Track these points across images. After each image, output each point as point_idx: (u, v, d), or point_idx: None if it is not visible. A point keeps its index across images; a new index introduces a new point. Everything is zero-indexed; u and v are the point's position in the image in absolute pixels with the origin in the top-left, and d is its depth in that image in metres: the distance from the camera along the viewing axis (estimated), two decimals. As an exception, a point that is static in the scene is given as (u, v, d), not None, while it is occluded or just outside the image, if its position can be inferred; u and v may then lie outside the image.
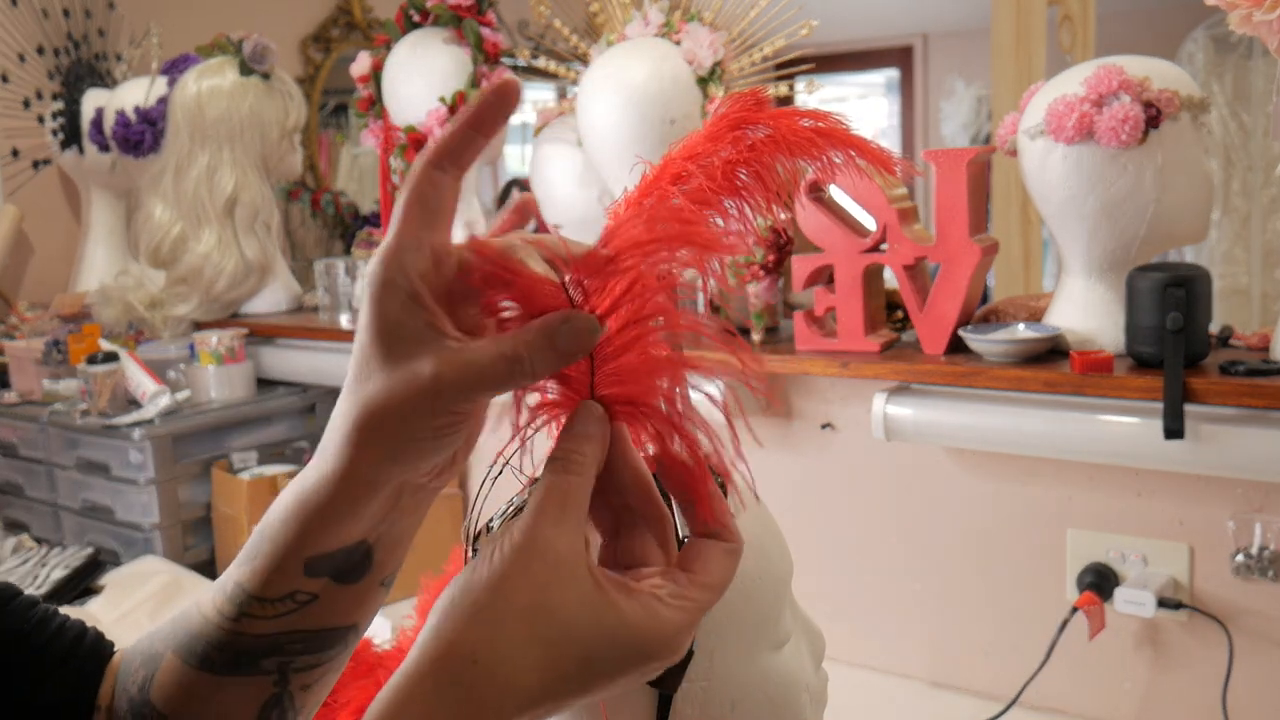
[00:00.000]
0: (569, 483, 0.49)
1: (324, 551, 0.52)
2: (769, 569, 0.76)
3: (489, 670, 0.46)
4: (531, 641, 0.46)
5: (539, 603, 0.46)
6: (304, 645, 0.55)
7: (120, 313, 2.26)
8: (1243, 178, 4.09)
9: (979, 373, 1.34)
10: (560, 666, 0.47)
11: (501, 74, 1.80)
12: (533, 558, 0.47)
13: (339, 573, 0.53)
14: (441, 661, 0.47)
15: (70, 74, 2.65)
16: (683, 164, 0.70)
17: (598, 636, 0.47)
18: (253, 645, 0.54)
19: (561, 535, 0.47)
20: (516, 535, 0.47)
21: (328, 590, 0.53)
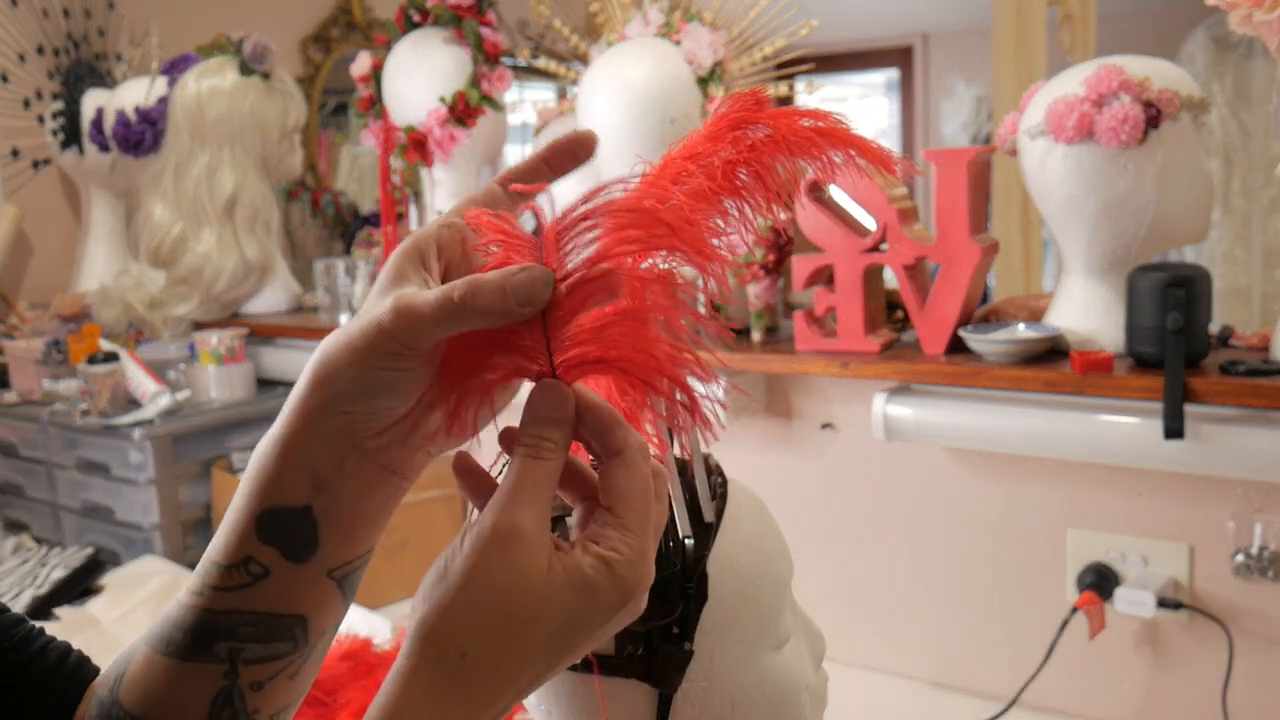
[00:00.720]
0: (538, 469, 0.50)
1: (272, 506, 0.53)
2: (769, 569, 0.76)
3: (477, 660, 0.48)
4: (511, 626, 0.48)
5: (512, 586, 0.48)
6: (253, 629, 0.55)
7: (120, 313, 2.26)
8: (1243, 178, 4.09)
9: (979, 373, 1.34)
10: (542, 642, 0.49)
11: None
12: (504, 546, 0.48)
13: (288, 542, 0.54)
14: (432, 657, 0.49)
15: (70, 74, 2.65)
16: (683, 164, 0.70)
17: (569, 606, 0.49)
18: (209, 623, 0.55)
19: (529, 519, 0.49)
20: (487, 525, 0.49)
21: (278, 565, 0.54)
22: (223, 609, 0.54)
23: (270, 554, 0.54)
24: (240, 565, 0.54)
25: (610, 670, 0.71)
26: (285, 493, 0.53)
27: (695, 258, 0.58)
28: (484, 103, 1.86)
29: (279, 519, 0.54)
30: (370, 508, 0.55)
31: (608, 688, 0.72)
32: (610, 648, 0.71)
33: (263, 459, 0.54)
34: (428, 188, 1.98)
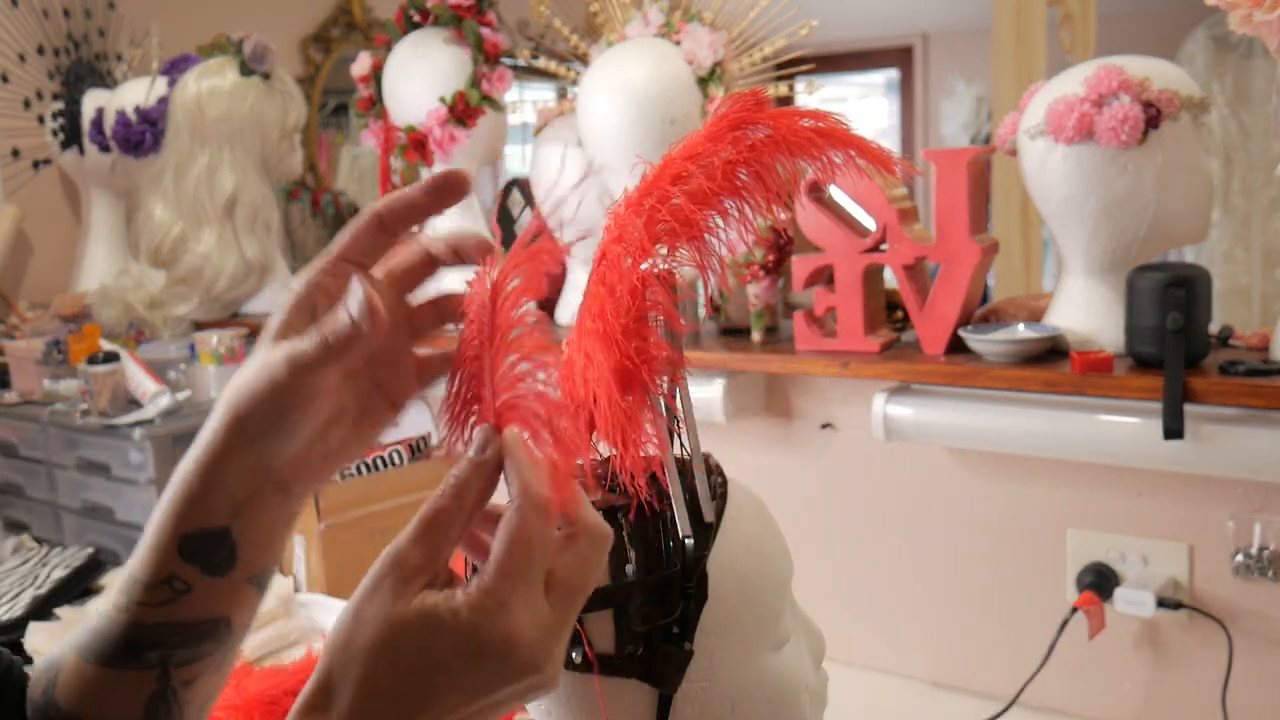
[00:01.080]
0: (445, 508, 0.52)
1: (193, 529, 0.57)
2: (769, 569, 0.76)
3: (341, 690, 0.51)
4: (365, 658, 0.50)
5: (374, 617, 0.50)
6: (181, 638, 0.59)
7: (120, 313, 2.26)
8: (1243, 178, 4.09)
9: (979, 373, 1.34)
10: (398, 676, 0.50)
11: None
12: (384, 577, 0.51)
13: (208, 561, 0.58)
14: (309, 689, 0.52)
15: (70, 74, 2.65)
16: (683, 164, 0.70)
17: (417, 642, 0.50)
18: (138, 636, 0.59)
19: (416, 555, 0.51)
20: (382, 557, 0.51)
21: (200, 581, 0.58)
22: (150, 622, 0.58)
23: (192, 571, 0.58)
24: (165, 583, 0.58)
25: (610, 670, 0.71)
26: (206, 516, 0.57)
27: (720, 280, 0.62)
28: (484, 103, 1.86)
29: (200, 541, 0.58)
30: (281, 521, 0.60)
31: (608, 687, 0.72)
32: (610, 647, 0.71)
33: (183, 485, 0.58)
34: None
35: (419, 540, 0.51)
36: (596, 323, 0.70)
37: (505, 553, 0.50)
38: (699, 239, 0.70)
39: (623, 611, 0.71)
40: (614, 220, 0.72)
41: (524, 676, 0.50)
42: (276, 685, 1.32)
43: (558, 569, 0.52)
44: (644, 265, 0.70)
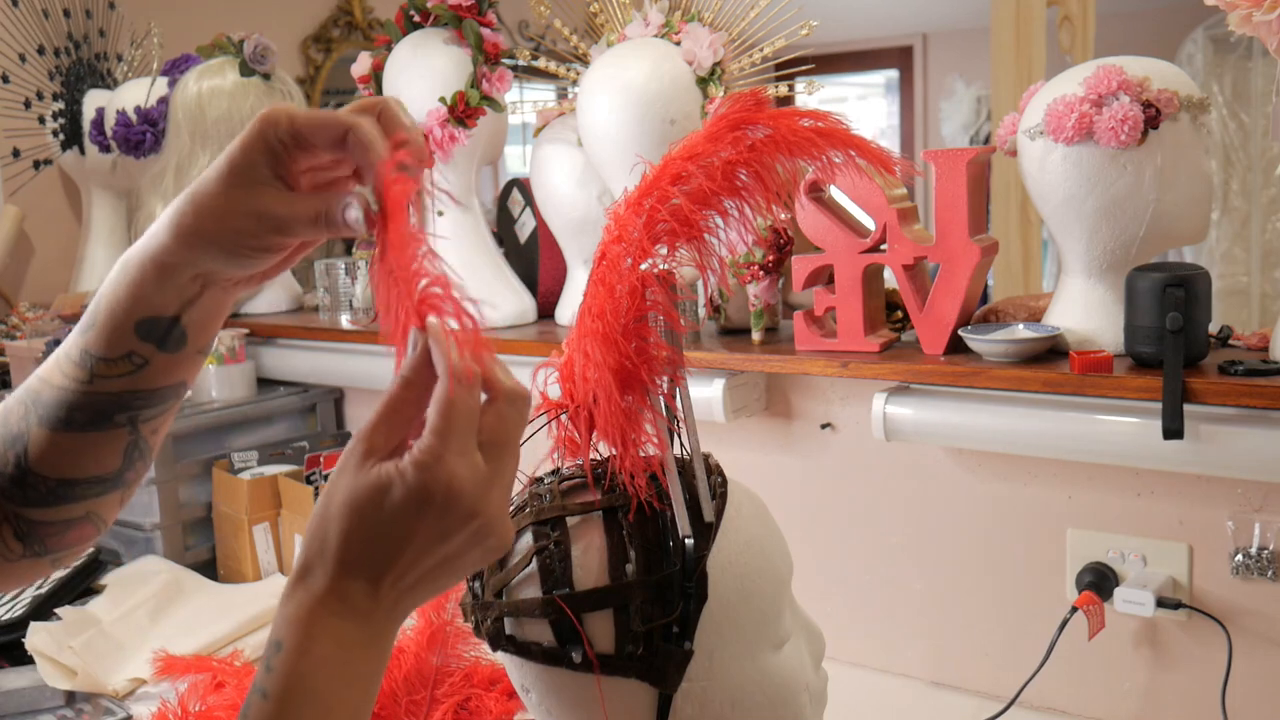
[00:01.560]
0: (399, 394, 0.60)
1: (148, 315, 0.67)
2: (769, 569, 0.76)
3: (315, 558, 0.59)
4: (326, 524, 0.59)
5: (334, 488, 0.60)
6: (144, 401, 0.70)
7: (121, 313, 2.26)
8: (1242, 178, 4.10)
9: (979, 373, 1.35)
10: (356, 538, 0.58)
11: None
12: (347, 457, 0.60)
13: (161, 341, 0.68)
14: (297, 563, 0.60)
15: (71, 74, 2.65)
16: (683, 164, 0.71)
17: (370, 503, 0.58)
18: (104, 403, 0.69)
19: (376, 436, 0.59)
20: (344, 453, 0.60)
21: (155, 356, 0.68)
22: (114, 390, 0.68)
23: (148, 348, 0.68)
24: (124, 358, 0.68)
25: (610, 669, 0.71)
26: (158, 305, 0.67)
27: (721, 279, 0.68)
28: (484, 103, 1.86)
29: (154, 325, 0.67)
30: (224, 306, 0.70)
31: (608, 687, 0.72)
32: (610, 647, 0.72)
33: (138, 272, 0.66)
34: (426, 188, 1.97)
35: (377, 426, 0.59)
36: (596, 323, 0.70)
37: (436, 416, 0.57)
38: (699, 239, 0.71)
39: (623, 611, 0.71)
40: (614, 220, 0.73)
41: (469, 521, 0.58)
42: (277, 685, 1.32)
43: (484, 427, 0.59)
44: (644, 265, 0.70)
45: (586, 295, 0.73)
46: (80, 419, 0.69)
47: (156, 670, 1.53)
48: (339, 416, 2.25)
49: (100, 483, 0.72)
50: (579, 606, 0.71)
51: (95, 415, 0.69)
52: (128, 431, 0.70)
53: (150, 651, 1.56)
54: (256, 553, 1.91)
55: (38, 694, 1.50)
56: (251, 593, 1.78)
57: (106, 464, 0.71)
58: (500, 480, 0.59)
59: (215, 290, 0.68)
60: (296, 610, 0.58)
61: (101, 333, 0.67)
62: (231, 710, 1.29)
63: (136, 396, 0.69)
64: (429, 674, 1.34)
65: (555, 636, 0.72)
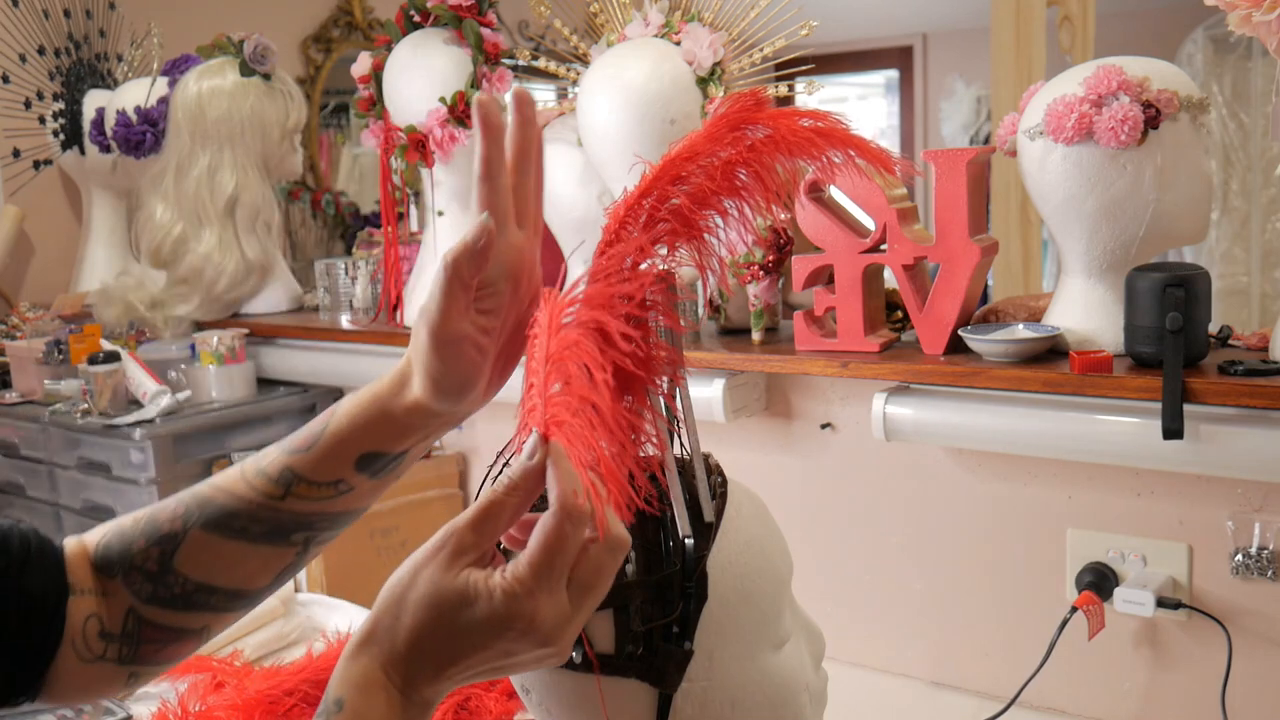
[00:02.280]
0: (498, 501, 0.60)
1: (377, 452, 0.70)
2: (769, 569, 0.76)
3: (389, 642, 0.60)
4: (408, 613, 0.60)
5: (425, 582, 0.60)
6: (329, 524, 0.71)
7: (121, 313, 2.26)
8: (1242, 178, 4.09)
9: (979, 373, 1.35)
10: (433, 636, 0.60)
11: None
12: (437, 552, 0.60)
13: (376, 472, 0.71)
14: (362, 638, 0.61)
15: (71, 74, 2.65)
16: (683, 164, 0.70)
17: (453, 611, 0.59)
18: (289, 521, 0.70)
19: (468, 538, 0.60)
20: (436, 536, 0.61)
21: (362, 484, 0.71)
22: (304, 511, 0.70)
23: (360, 478, 0.70)
24: (331, 484, 0.70)
25: (610, 670, 0.71)
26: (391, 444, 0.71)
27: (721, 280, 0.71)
28: (484, 103, 1.86)
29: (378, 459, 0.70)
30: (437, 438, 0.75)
31: (608, 687, 0.72)
32: (610, 647, 0.72)
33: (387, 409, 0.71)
34: (428, 188, 1.98)
35: (474, 525, 0.60)
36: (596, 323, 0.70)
37: (539, 550, 0.58)
38: (699, 239, 0.70)
39: (623, 611, 0.71)
40: (614, 220, 0.73)
41: (539, 648, 0.59)
42: (276, 685, 1.32)
43: (579, 568, 0.59)
44: (644, 265, 0.70)
45: (586, 295, 0.73)
46: (255, 530, 0.70)
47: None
48: (339, 416, 2.25)
49: (238, 597, 0.73)
50: (579, 606, 0.71)
51: (274, 529, 0.70)
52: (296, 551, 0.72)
53: (150, 651, 1.56)
54: (256, 553, 1.91)
55: (38, 694, 1.50)
56: (251, 593, 1.78)
57: (258, 579, 0.72)
58: (579, 619, 0.60)
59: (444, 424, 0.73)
60: (362, 675, 0.60)
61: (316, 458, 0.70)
62: (230, 710, 1.29)
63: (323, 518, 0.71)
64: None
65: (555, 636, 0.72)
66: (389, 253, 2.04)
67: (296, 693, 1.30)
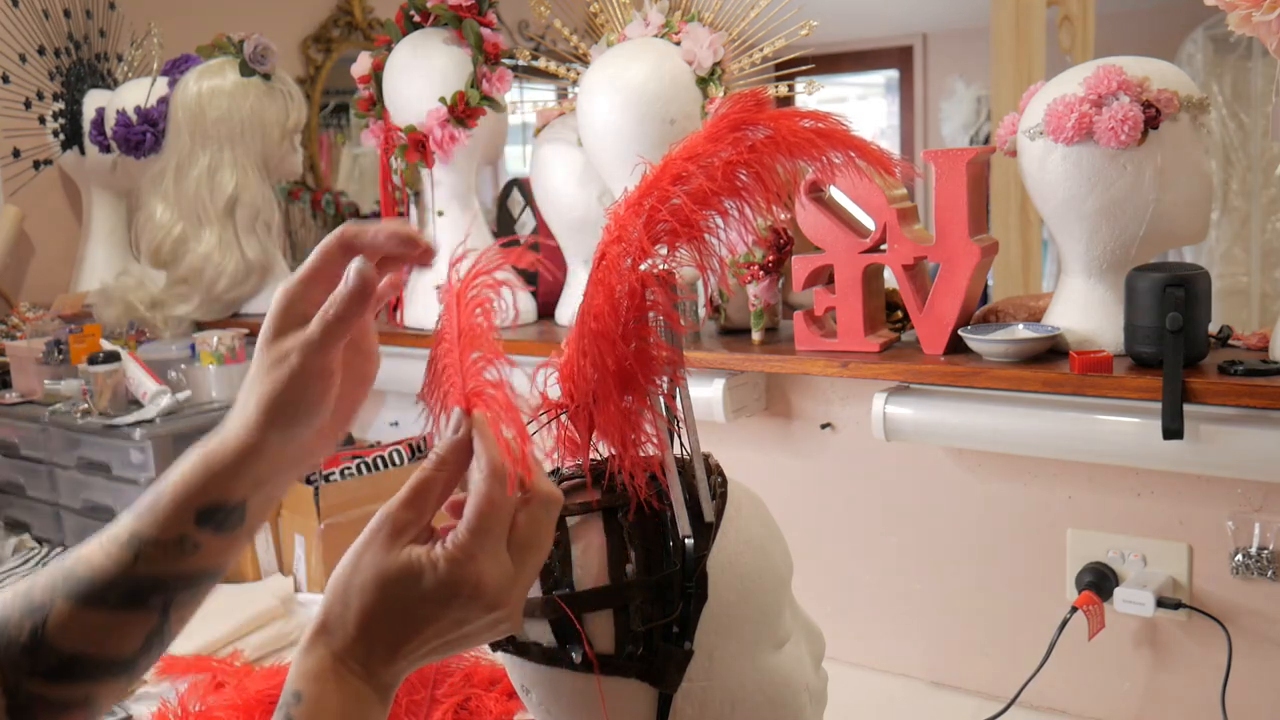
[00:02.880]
0: (429, 479, 0.63)
1: (213, 504, 0.69)
2: (769, 569, 0.76)
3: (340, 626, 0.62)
4: (356, 597, 0.61)
5: (368, 565, 0.62)
6: (186, 584, 0.71)
7: (121, 313, 2.26)
8: (1242, 178, 4.09)
9: (979, 373, 1.35)
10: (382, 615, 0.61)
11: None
12: (375, 534, 0.62)
13: (219, 525, 0.70)
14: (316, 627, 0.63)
15: (71, 74, 2.65)
16: (683, 164, 0.71)
17: (400, 587, 0.61)
18: (143, 584, 0.69)
19: (403, 515, 0.62)
20: (375, 518, 0.62)
21: (208, 541, 0.70)
22: (155, 574, 0.69)
23: (205, 534, 0.69)
24: (175, 542, 0.69)
25: (610, 670, 0.71)
26: (228, 494, 0.69)
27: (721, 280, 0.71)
28: (484, 103, 1.86)
29: (218, 512, 0.69)
30: (284, 488, 0.74)
31: (608, 687, 0.72)
32: (610, 647, 0.72)
33: (214, 462, 0.69)
34: (428, 188, 1.98)
35: (407, 504, 0.62)
36: (596, 323, 0.70)
37: (474, 514, 0.60)
38: (699, 239, 0.70)
39: (623, 611, 0.71)
40: (614, 220, 0.73)
41: (489, 613, 0.61)
42: (277, 685, 1.32)
43: (516, 527, 0.62)
44: (644, 265, 0.70)
45: (586, 295, 0.73)
46: (112, 598, 0.69)
47: (156, 670, 1.53)
48: (339, 416, 2.25)
49: (112, 666, 0.72)
50: (579, 606, 0.71)
51: (130, 595, 0.69)
52: (158, 615, 0.71)
53: (150, 651, 1.56)
54: (256, 553, 1.91)
55: (38, 694, 1.50)
56: (251, 593, 1.78)
57: (124, 646, 0.71)
58: (524, 579, 0.62)
59: (284, 470, 0.72)
60: (318, 665, 0.62)
61: (158, 518, 0.69)
62: (230, 710, 1.29)
63: (177, 579, 0.70)
64: (429, 674, 1.34)
65: (555, 636, 0.72)
66: (389, 253, 2.03)
67: (296, 693, 1.30)
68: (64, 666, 0.70)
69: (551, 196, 1.84)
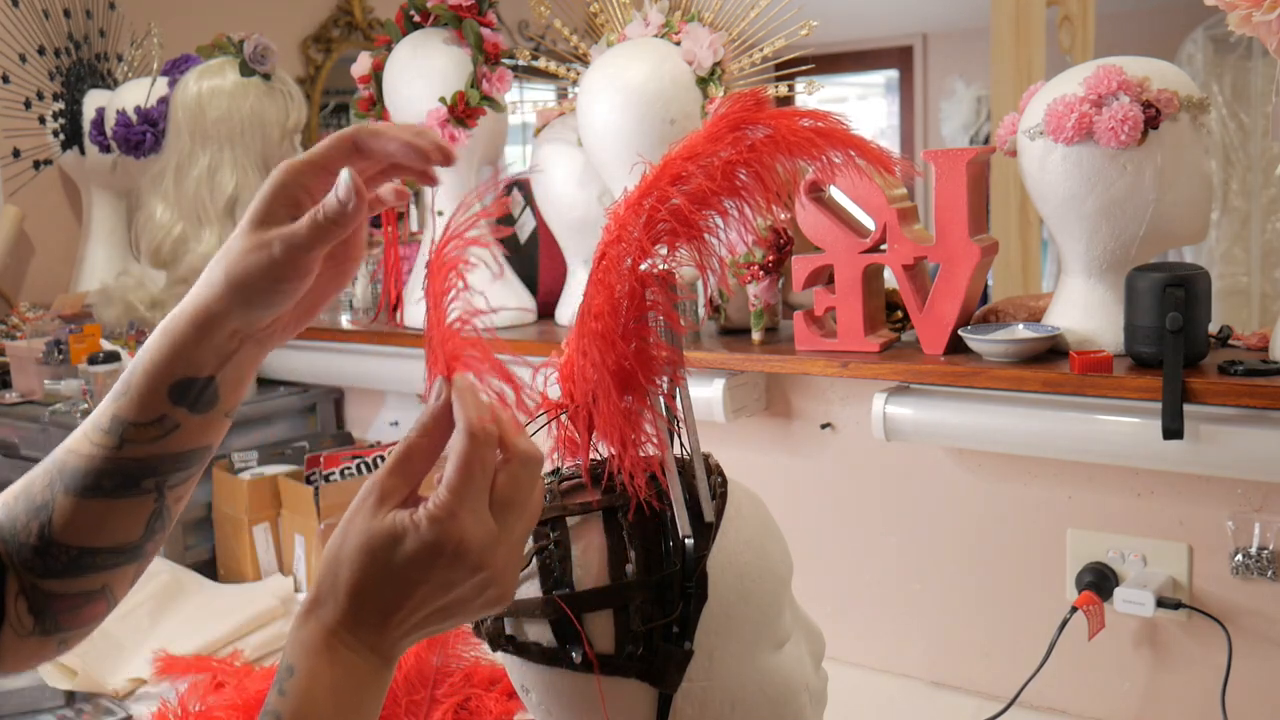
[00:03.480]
0: (414, 445, 0.63)
1: (182, 378, 0.71)
2: (769, 569, 0.76)
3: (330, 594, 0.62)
4: (343, 565, 0.62)
5: (356, 530, 0.62)
6: (174, 464, 0.73)
7: (121, 313, 2.26)
8: (1242, 178, 4.09)
9: (979, 373, 1.34)
10: (373, 578, 0.61)
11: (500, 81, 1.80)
12: (364, 501, 0.63)
13: (193, 402, 0.71)
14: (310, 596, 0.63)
15: (71, 74, 2.65)
16: (683, 164, 0.71)
17: (385, 549, 0.61)
18: (133, 468, 0.71)
19: (389, 482, 0.62)
20: (364, 486, 0.63)
21: (187, 419, 0.72)
22: (143, 456, 0.71)
23: (181, 412, 0.71)
24: (155, 422, 0.71)
25: (610, 670, 0.71)
26: (194, 368, 0.71)
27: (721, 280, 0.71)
28: (484, 103, 1.86)
29: (188, 387, 0.71)
30: (253, 366, 0.74)
31: (608, 687, 0.72)
32: (610, 647, 0.72)
33: (173, 340, 0.71)
34: (427, 188, 1.98)
35: (393, 471, 0.63)
36: (596, 323, 0.70)
37: (454, 474, 0.60)
38: (699, 239, 0.70)
39: (623, 611, 0.71)
40: (614, 220, 0.73)
41: (475, 574, 0.61)
42: (277, 685, 1.32)
43: (497, 486, 0.62)
44: (644, 265, 0.70)
45: (586, 295, 0.73)
46: (108, 485, 0.71)
47: (156, 670, 1.53)
48: (339, 416, 2.25)
49: (120, 553, 0.74)
50: (579, 606, 0.71)
51: (123, 481, 0.72)
52: (154, 498, 0.73)
53: (150, 651, 1.56)
54: (256, 553, 1.91)
55: (38, 694, 1.50)
56: (251, 593, 1.78)
57: (129, 532, 0.74)
58: (508, 538, 0.62)
59: (250, 346, 0.72)
60: (310, 637, 0.62)
61: (134, 398, 0.71)
62: (230, 710, 1.29)
63: (164, 460, 0.72)
64: (429, 674, 1.34)
65: (555, 636, 0.72)
66: (389, 253, 2.04)
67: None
68: (74, 562, 0.73)
69: (551, 197, 1.84)
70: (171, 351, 0.71)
